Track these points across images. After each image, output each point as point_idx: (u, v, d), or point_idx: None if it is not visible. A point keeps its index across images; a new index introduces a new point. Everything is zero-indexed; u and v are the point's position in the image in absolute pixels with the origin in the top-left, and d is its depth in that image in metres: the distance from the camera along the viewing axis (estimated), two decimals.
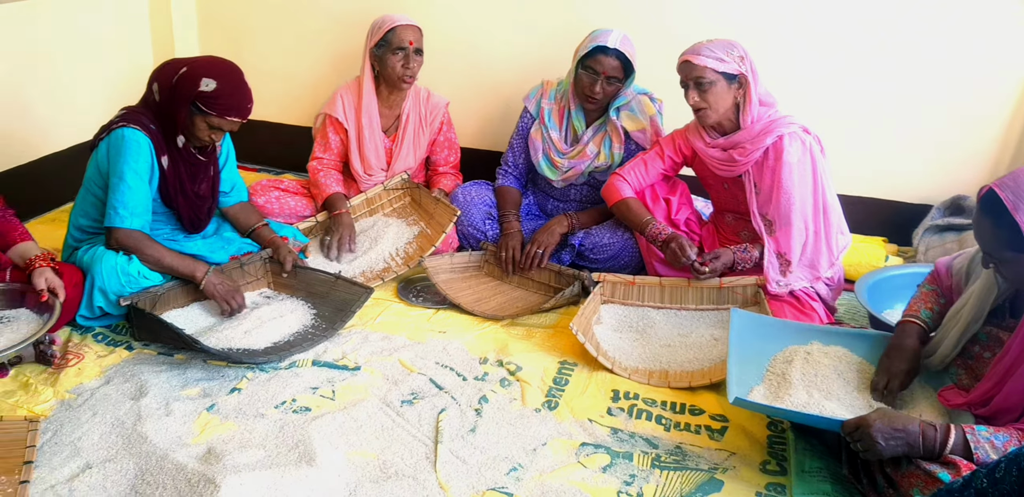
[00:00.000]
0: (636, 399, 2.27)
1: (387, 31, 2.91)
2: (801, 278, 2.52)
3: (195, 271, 2.43)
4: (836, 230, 2.55)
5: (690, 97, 2.44)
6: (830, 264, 2.54)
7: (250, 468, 1.83)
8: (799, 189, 2.44)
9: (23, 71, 3.13)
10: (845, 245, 2.59)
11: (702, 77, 2.38)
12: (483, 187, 3.11)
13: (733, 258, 2.56)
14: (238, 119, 2.39)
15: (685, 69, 2.43)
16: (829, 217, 2.51)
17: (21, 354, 2.25)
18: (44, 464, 1.88)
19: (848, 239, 2.60)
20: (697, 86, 2.41)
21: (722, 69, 2.37)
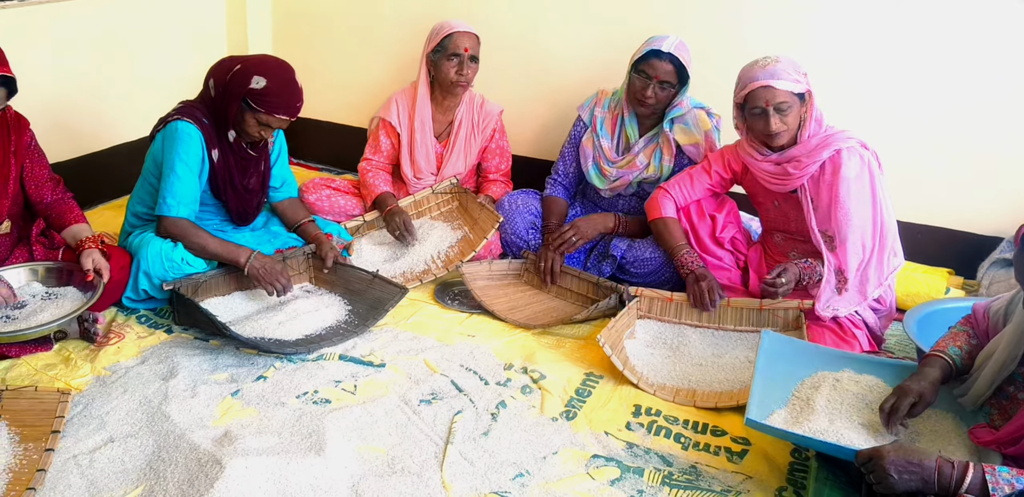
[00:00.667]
0: (657, 415, 2.23)
1: (443, 37, 2.96)
2: (849, 301, 2.43)
3: (239, 256, 2.50)
4: (890, 251, 2.45)
5: (772, 123, 2.34)
6: (879, 283, 2.44)
7: (259, 453, 1.87)
8: (858, 205, 2.37)
9: (101, 64, 3.30)
10: (897, 266, 2.49)
11: (784, 102, 2.32)
12: (530, 196, 3.12)
13: (799, 271, 2.47)
14: (286, 117, 2.46)
15: (764, 95, 2.32)
16: (885, 236, 2.43)
17: (66, 330, 2.35)
18: (71, 434, 1.97)
19: (901, 261, 2.50)
20: (778, 111, 2.34)
21: (798, 90, 2.32)
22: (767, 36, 2.99)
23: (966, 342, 1.93)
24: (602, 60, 3.26)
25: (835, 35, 2.93)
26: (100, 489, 1.80)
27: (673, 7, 3.09)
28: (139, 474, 1.85)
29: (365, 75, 3.85)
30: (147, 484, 1.81)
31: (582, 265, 2.99)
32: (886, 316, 2.55)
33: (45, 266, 2.33)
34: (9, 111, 2.26)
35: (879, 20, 2.85)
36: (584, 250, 3.04)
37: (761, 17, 2.99)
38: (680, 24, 3.04)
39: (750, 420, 1.80)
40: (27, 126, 2.30)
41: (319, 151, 4.20)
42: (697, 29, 3.05)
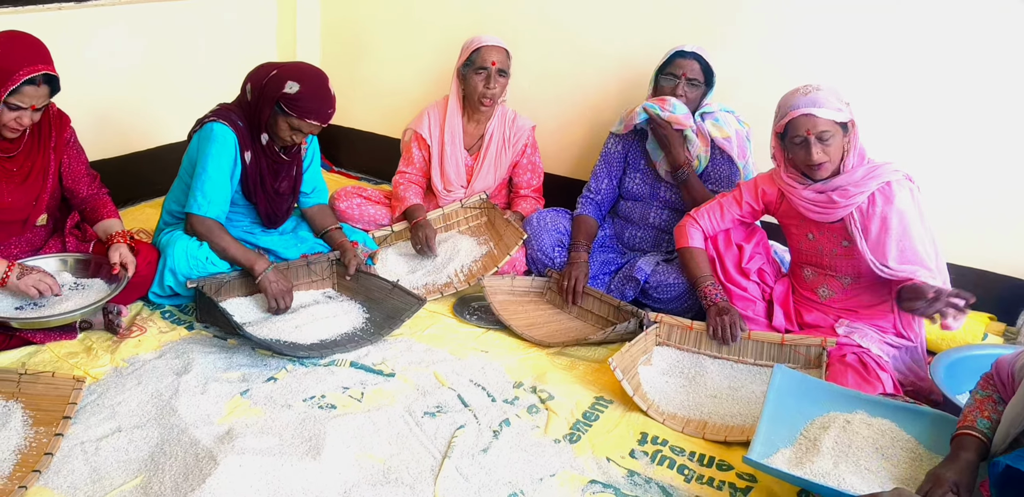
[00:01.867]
0: (663, 445, 2.19)
1: (473, 51, 3.00)
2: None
3: (255, 264, 2.55)
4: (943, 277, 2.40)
5: (814, 152, 2.28)
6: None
7: (256, 452, 1.89)
8: (918, 237, 2.33)
9: (152, 67, 3.41)
10: None
11: (826, 131, 2.27)
12: (560, 214, 3.12)
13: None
14: (317, 122, 2.51)
15: (805, 124, 2.27)
16: (941, 266, 2.39)
17: (91, 320, 2.42)
18: (82, 421, 2.02)
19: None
20: (820, 140, 2.28)
21: (840, 120, 2.29)
22: (809, 64, 2.96)
23: (994, 411, 1.80)
24: (641, 82, 3.26)
25: (874, 60, 2.88)
26: (102, 476, 1.84)
27: (714, 33, 3.07)
28: (140, 465, 1.88)
29: (406, 87, 3.91)
30: (146, 475, 1.84)
31: (606, 287, 2.98)
32: (914, 356, 2.47)
33: (74, 257, 2.41)
34: (52, 108, 2.34)
35: (924, 54, 2.80)
36: (609, 271, 3.03)
37: (808, 45, 2.95)
38: (720, 49, 3.04)
39: (748, 459, 1.76)
40: (68, 123, 2.39)
41: (359, 160, 4.27)
42: (738, 52, 3.04)
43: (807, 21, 2.93)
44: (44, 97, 2.14)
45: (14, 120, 2.11)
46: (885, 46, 2.85)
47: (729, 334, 2.47)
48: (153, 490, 1.78)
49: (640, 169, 3.02)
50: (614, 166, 3.05)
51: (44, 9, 2.99)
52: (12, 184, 2.24)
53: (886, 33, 2.83)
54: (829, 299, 2.55)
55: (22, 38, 2.12)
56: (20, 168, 2.25)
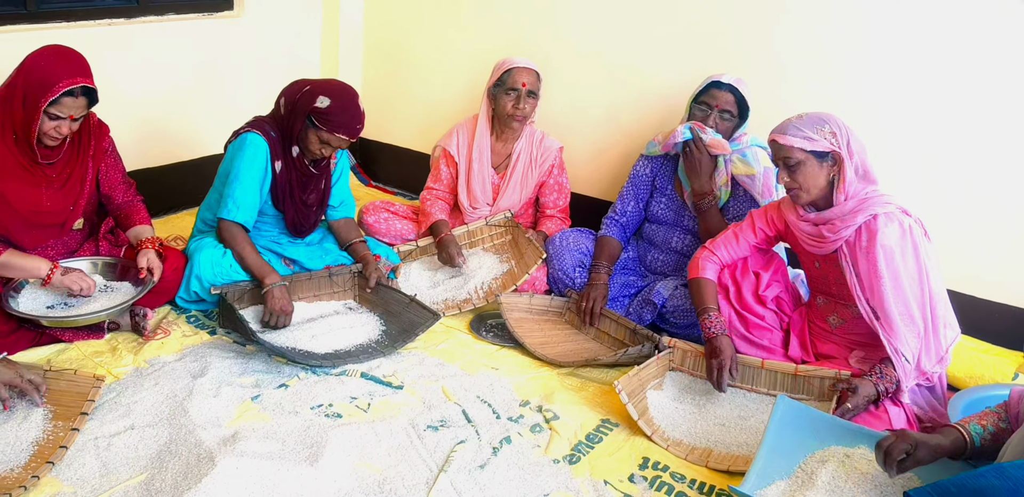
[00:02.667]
0: (664, 471, 2.19)
1: (504, 72, 3.07)
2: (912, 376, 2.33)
3: (265, 276, 2.61)
4: (943, 322, 2.34)
5: (780, 177, 2.36)
6: (937, 359, 2.33)
7: (255, 456, 1.95)
8: (897, 275, 2.27)
9: (199, 82, 3.57)
10: (953, 339, 2.37)
11: (789, 157, 2.30)
12: (583, 235, 3.14)
13: (875, 391, 2.24)
14: (345, 136, 2.59)
15: (773, 148, 2.35)
16: (935, 307, 2.32)
17: (119, 322, 2.53)
18: (98, 418, 2.11)
19: (956, 333, 2.38)
20: (786, 167, 2.32)
21: (811, 148, 2.28)
22: (836, 82, 2.94)
23: (993, 423, 1.83)
24: (673, 106, 3.28)
25: (904, 87, 2.85)
26: (110, 471, 1.92)
27: (746, 60, 3.08)
28: (147, 462, 1.96)
29: (443, 105, 4.00)
30: (150, 472, 1.92)
31: (625, 309, 2.99)
32: (934, 392, 2.42)
33: (104, 261, 2.52)
34: (92, 118, 2.47)
35: (954, 84, 2.76)
36: (629, 294, 3.04)
37: (863, 71, 2.92)
38: (754, 76, 3.04)
39: (735, 489, 1.75)
40: (107, 132, 2.51)
41: (397, 176, 4.36)
42: (773, 81, 3.03)
43: (844, 51, 2.91)
44: (82, 108, 2.26)
45: (53, 129, 2.24)
46: (917, 77, 2.82)
47: (715, 380, 2.42)
48: (155, 487, 1.85)
49: (667, 194, 3.02)
50: (641, 189, 3.07)
51: (95, 24, 3.15)
52: (51, 190, 2.37)
53: (917, 66, 2.80)
54: (839, 327, 2.52)
55: (64, 52, 2.25)
56: (59, 174, 2.38)
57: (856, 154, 2.32)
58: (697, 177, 2.84)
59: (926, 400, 2.37)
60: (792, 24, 2.97)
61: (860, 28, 2.85)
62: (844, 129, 2.31)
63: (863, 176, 2.34)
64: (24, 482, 1.81)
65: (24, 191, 2.31)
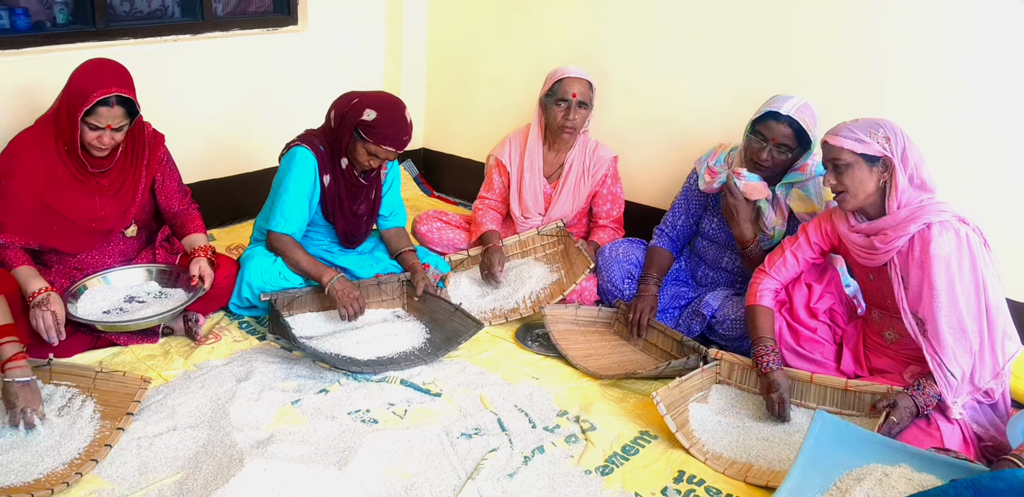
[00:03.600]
0: (700, 485, 2.12)
1: (555, 82, 3.05)
2: (958, 393, 2.21)
3: (323, 275, 2.68)
4: (1001, 334, 2.21)
5: (826, 179, 2.28)
6: (994, 374, 2.21)
7: (285, 458, 1.99)
8: (952, 286, 2.16)
9: (265, 96, 3.69)
10: (1014, 352, 2.24)
11: (838, 159, 2.22)
12: (634, 245, 3.09)
13: (915, 404, 2.17)
14: (392, 149, 2.63)
15: (824, 150, 2.28)
16: (994, 319, 2.20)
17: (173, 327, 2.63)
18: (144, 418, 2.19)
19: (1017, 346, 2.25)
20: (834, 168, 2.25)
21: (861, 151, 2.19)
22: (905, 100, 2.81)
23: None
24: (734, 116, 3.20)
25: (963, 94, 2.70)
26: (149, 470, 2.00)
27: (810, 66, 2.98)
28: (184, 462, 2.03)
29: (504, 115, 4.02)
30: (186, 472, 1.98)
31: (675, 321, 2.92)
32: (997, 410, 2.28)
33: (158, 268, 2.63)
34: (148, 128, 2.59)
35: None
36: (680, 306, 2.97)
37: (900, 80, 2.81)
38: (814, 84, 2.94)
39: None
40: (162, 142, 2.63)
41: (459, 186, 4.40)
42: (834, 90, 2.91)
43: (904, 69, 2.79)
44: (120, 117, 2.35)
45: (96, 139, 2.35)
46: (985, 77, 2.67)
47: (778, 413, 2.35)
48: (187, 487, 1.91)
49: (719, 215, 2.90)
50: (693, 204, 2.97)
51: (161, 41, 3.30)
52: (104, 197, 2.49)
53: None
54: (895, 342, 2.40)
55: (102, 64, 2.37)
56: (112, 183, 2.49)
57: (911, 161, 2.22)
58: (736, 224, 2.73)
59: (988, 418, 2.23)
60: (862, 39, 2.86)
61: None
62: (900, 135, 2.22)
63: (919, 185, 2.24)
64: (68, 478, 1.89)
65: (79, 200, 2.43)
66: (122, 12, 3.25)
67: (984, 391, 2.22)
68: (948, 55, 2.69)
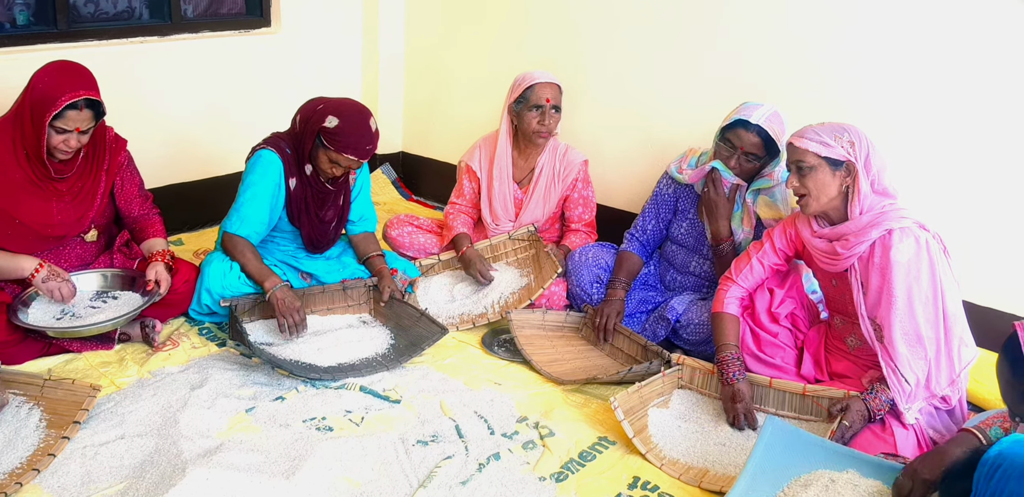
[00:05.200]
0: (653, 491, 2.09)
1: (526, 89, 3.01)
2: (913, 399, 2.18)
3: (265, 281, 2.62)
4: (958, 341, 2.20)
5: (790, 181, 2.26)
6: (949, 381, 2.19)
7: (230, 468, 1.96)
8: (910, 292, 2.14)
9: (235, 98, 3.66)
10: (970, 359, 2.22)
11: (802, 161, 2.21)
12: (604, 250, 3.06)
13: (867, 408, 2.16)
14: (354, 157, 2.60)
15: (788, 151, 2.27)
16: (951, 326, 2.18)
17: (130, 333, 2.60)
18: (92, 427, 2.16)
19: (973, 352, 2.24)
20: (798, 170, 2.23)
21: (825, 154, 2.17)
22: (874, 108, 2.78)
23: (1016, 426, 1.68)
24: (707, 121, 3.17)
25: (953, 109, 2.68)
26: (92, 480, 1.96)
27: (782, 72, 2.95)
28: (129, 471, 1.99)
29: (481, 120, 3.99)
30: (129, 482, 1.95)
31: (642, 325, 2.89)
32: (953, 415, 2.25)
33: (114, 273, 2.60)
34: (109, 132, 2.56)
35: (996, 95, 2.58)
36: (647, 310, 2.94)
37: (870, 88, 2.78)
38: (785, 90, 2.92)
39: None
40: (124, 146, 2.60)
41: (437, 190, 4.37)
42: (805, 97, 2.89)
43: (873, 78, 2.77)
44: (88, 120, 2.33)
45: (62, 142, 2.32)
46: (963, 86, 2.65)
47: (741, 424, 2.33)
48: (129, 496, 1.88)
49: (688, 218, 2.89)
50: (663, 208, 2.96)
51: (128, 42, 3.27)
52: (62, 203, 2.46)
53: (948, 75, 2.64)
54: (857, 349, 2.38)
55: (67, 67, 2.34)
56: (71, 188, 2.46)
57: (875, 167, 2.21)
58: (714, 220, 2.72)
59: (944, 424, 2.20)
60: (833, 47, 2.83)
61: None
62: (865, 141, 2.20)
63: (881, 191, 2.22)
64: (7, 488, 1.86)
65: (34, 205, 2.40)
66: (86, 13, 3.22)
67: (941, 397, 2.19)
68: (918, 63, 2.67)
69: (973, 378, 2.40)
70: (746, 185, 2.69)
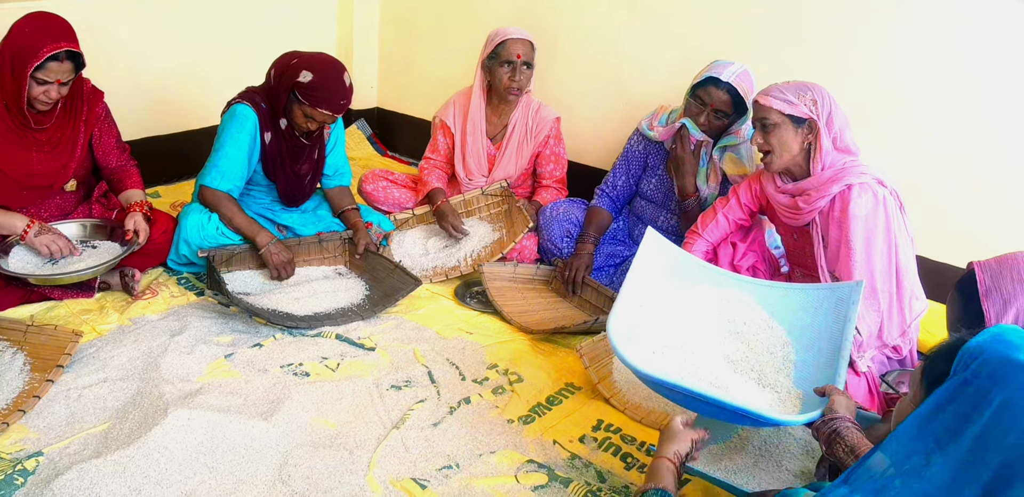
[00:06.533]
0: (616, 432, 2.21)
1: (498, 44, 3.05)
2: (870, 347, 2.30)
3: (255, 235, 2.70)
4: (909, 294, 2.31)
5: (755, 137, 2.34)
6: (900, 332, 2.31)
7: (210, 409, 2.04)
8: (868, 245, 2.24)
9: (212, 51, 3.66)
10: (920, 311, 2.34)
11: (767, 118, 2.29)
12: (574, 205, 3.14)
13: None
14: (328, 111, 2.63)
15: (754, 109, 2.35)
16: (902, 279, 2.29)
17: (110, 282, 2.65)
18: (74, 371, 2.23)
19: (924, 305, 2.36)
20: (762, 127, 2.31)
21: (789, 112, 2.25)
22: (843, 67, 2.85)
23: None
24: (679, 79, 3.22)
25: (903, 61, 2.75)
26: (76, 420, 2.04)
27: (754, 32, 3.00)
28: (112, 413, 2.07)
29: (456, 77, 4.00)
30: (112, 422, 2.03)
31: (609, 278, 2.99)
32: (904, 366, 2.38)
33: (93, 223, 2.64)
34: (87, 84, 2.57)
35: (960, 54, 2.66)
36: (615, 264, 3.04)
37: (840, 47, 2.84)
38: (758, 49, 2.97)
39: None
40: (101, 98, 2.61)
41: (412, 146, 4.40)
42: (776, 57, 2.94)
43: (844, 36, 2.82)
44: (68, 72, 2.35)
45: (43, 93, 2.34)
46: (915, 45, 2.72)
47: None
48: (112, 436, 1.96)
49: (657, 174, 2.97)
50: (633, 165, 3.03)
51: None
52: (41, 153, 2.48)
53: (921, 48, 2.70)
54: None
55: (46, 18, 2.34)
56: (50, 138, 2.49)
57: (836, 125, 2.29)
58: (681, 176, 2.80)
59: (881, 371, 2.33)
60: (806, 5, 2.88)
61: None
62: (827, 99, 2.28)
63: (842, 148, 2.31)
64: None
65: (14, 154, 2.42)
66: None
67: (892, 347, 2.31)
68: (888, 20, 2.73)
69: (924, 329, 2.51)
70: (712, 142, 2.76)
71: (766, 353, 2.11)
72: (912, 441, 1.07)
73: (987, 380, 1.03)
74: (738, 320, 2.20)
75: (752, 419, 1.74)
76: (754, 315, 2.21)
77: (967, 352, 1.08)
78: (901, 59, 2.74)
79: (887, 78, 2.78)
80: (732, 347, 2.13)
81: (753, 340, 2.14)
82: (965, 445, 1.03)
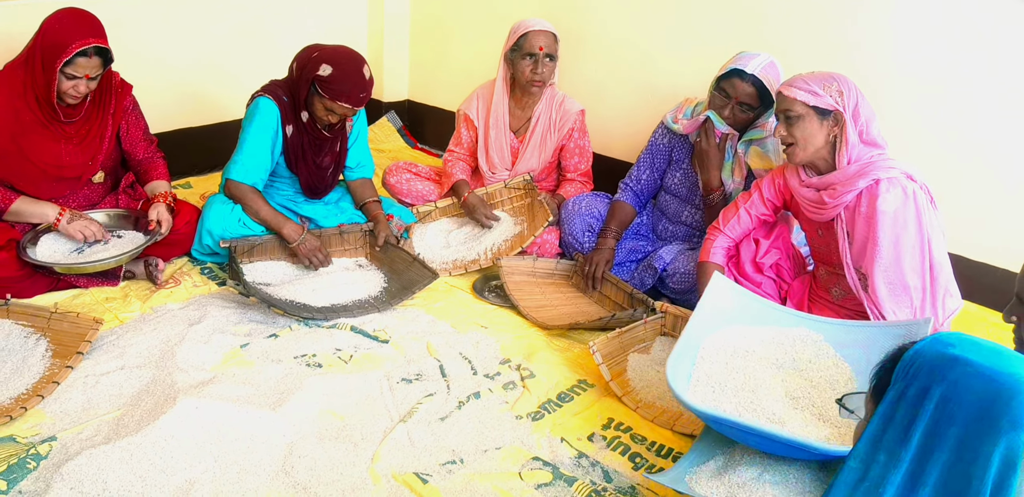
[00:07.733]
0: (625, 432, 2.19)
1: (520, 36, 3.02)
2: None
3: (282, 227, 2.73)
4: (943, 291, 2.24)
5: (778, 130, 2.28)
6: (933, 330, 2.24)
7: (220, 398, 2.07)
8: (896, 242, 2.18)
9: (242, 45, 3.70)
10: (954, 310, 2.27)
11: (790, 110, 2.22)
12: (597, 199, 3.11)
13: None
14: (347, 105, 2.64)
15: (777, 100, 2.29)
16: (936, 276, 2.22)
17: (135, 271, 2.71)
18: (94, 358, 2.28)
19: (958, 303, 2.28)
20: (786, 119, 2.25)
21: (814, 103, 2.19)
22: (880, 61, 2.76)
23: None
24: (706, 71, 3.15)
25: (938, 55, 2.66)
26: (92, 406, 2.09)
27: (782, 23, 2.93)
28: (126, 400, 2.12)
29: (485, 69, 3.98)
30: (126, 409, 2.07)
31: (631, 274, 2.96)
32: None
33: (118, 213, 2.70)
34: (115, 77, 2.63)
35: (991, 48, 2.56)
36: (636, 259, 3.00)
37: (875, 41, 2.76)
38: (785, 41, 2.89)
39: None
40: (129, 91, 2.67)
41: (442, 138, 4.37)
42: (804, 49, 2.87)
43: (874, 30, 2.73)
44: (97, 67, 2.40)
45: (72, 88, 2.40)
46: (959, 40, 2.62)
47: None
48: (123, 422, 2.00)
49: (682, 169, 2.92)
50: (658, 158, 2.99)
51: None
52: (70, 145, 2.55)
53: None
54: (842, 299, 2.42)
55: (77, 14, 2.39)
56: (78, 131, 2.55)
57: (863, 117, 2.22)
58: (706, 170, 2.74)
59: None
60: None
61: None
62: (854, 90, 2.21)
63: (869, 141, 2.24)
64: (12, 412, 1.99)
65: (44, 147, 2.49)
66: None
67: None
68: (917, 15, 2.64)
69: (956, 329, 2.44)
70: (738, 135, 2.71)
71: (829, 389, 2.04)
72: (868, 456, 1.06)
73: (926, 378, 1.03)
74: (803, 358, 2.13)
75: (807, 451, 1.75)
76: (821, 352, 2.14)
77: (906, 359, 1.07)
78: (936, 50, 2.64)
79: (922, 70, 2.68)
80: (794, 384, 2.06)
81: (816, 376, 2.08)
82: (913, 450, 1.02)
